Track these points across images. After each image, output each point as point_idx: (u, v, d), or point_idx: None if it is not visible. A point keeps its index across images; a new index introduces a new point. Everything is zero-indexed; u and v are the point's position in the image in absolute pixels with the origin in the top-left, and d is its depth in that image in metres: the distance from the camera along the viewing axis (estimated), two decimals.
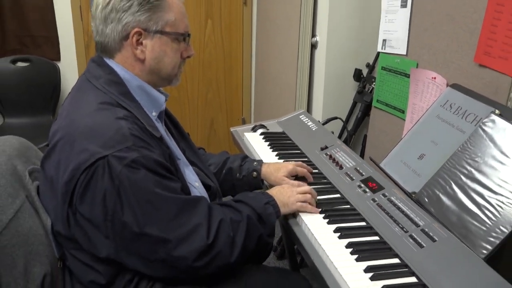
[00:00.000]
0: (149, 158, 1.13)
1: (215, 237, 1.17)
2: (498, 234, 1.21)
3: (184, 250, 1.14)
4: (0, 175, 1.19)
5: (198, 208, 1.18)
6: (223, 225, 1.19)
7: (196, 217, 1.17)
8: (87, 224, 1.14)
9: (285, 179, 1.54)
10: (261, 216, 1.28)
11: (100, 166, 1.09)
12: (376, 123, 2.26)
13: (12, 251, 1.16)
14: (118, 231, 1.12)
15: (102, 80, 1.24)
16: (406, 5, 1.97)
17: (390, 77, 2.13)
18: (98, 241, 1.15)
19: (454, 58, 1.76)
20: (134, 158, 1.10)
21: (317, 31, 2.58)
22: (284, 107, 2.91)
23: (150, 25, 1.23)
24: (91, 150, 1.10)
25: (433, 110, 1.67)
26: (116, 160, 1.09)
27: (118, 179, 1.09)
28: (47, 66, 3.06)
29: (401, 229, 1.29)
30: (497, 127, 1.38)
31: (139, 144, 1.13)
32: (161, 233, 1.12)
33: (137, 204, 1.11)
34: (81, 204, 1.13)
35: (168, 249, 1.13)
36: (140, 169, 1.11)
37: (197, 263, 1.16)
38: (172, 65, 1.30)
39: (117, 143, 1.11)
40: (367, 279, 1.12)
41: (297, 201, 1.36)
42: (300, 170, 1.58)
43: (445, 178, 1.42)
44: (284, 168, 1.57)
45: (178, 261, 1.15)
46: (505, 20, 1.53)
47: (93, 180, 1.10)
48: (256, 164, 1.61)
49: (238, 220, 1.23)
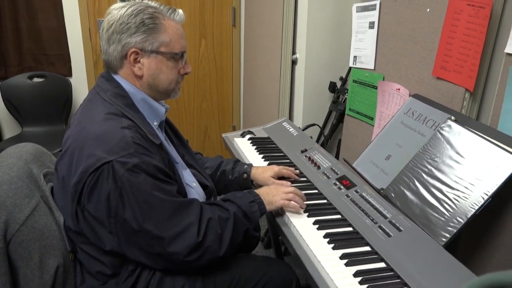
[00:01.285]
0: (149, 164, 1.12)
1: (205, 235, 1.16)
2: (455, 224, 1.22)
3: (177, 246, 1.13)
4: (17, 177, 1.18)
5: (190, 209, 1.17)
6: (211, 223, 1.18)
7: (189, 217, 1.16)
8: (94, 221, 1.13)
9: (271, 179, 1.54)
10: (246, 213, 1.27)
11: (105, 170, 1.09)
12: (349, 129, 2.27)
13: (29, 245, 1.14)
14: (119, 227, 1.12)
15: (109, 93, 1.23)
16: (374, 27, 1.98)
17: (361, 88, 2.13)
18: (103, 235, 1.14)
19: (415, 72, 1.77)
20: (135, 163, 1.10)
21: (297, 49, 2.58)
22: (269, 115, 2.90)
23: (146, 45, 1.22)
24: (98, 155, 1.09)
25: (397, 117, 1.68)
26: (120, 165, 1.08)
27: (120, 182, 1.08)
28: (60, 81, 3.03)
29: (371, 220, 1.29)
30: (453, 131, 1.39)
31: (140, 151, 1.12)
32: (156, 230, 1.11)
33: (136, 204, 1.10)
34: (89, 203, 1.12)
35: (162, 245, 1.13)
36: (140, 173, 1.10)
37: (189, 258, 1.15)
38: (168, 81, 1.28)
39: (121, 149, 1.10)
40: (342, 265, 1.12)
41: (282, 199, 1.34)
42: (285, 171, 1.58)
43: (408, 176, 1.43)
44: (271, 170, 1.57)
45: (172, 256, 1.14)
46: (458, 39, 1.55)
47: (99, 182, 1.09)
48: (247, 167, 1.60)
49: (226, 218, 1.22)
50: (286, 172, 1.58)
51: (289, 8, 2.52)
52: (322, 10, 2.45)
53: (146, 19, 1.21)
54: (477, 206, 1.20)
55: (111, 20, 1.21)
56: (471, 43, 1.50)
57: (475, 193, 1.23)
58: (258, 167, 1.61)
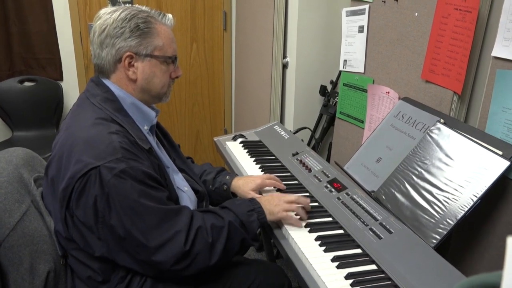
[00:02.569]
0: (137, 169, 1.10)
1: (193, 244, 1.13)
2: (445, 226, 1.23)
3: (162, 256, 1.11)
4: (7, 182, 1.16)
5: (179, 217, 1.15)
6: (201, 232, 1.15)
7: (176, 226, 1.13)
8: (82, 227, 1.12)
9: (251, 192, 1.44)
10: (243, 222, 1.23)
11: (93, 175, 1.07)
12: (340, 132, 2.27)
13: (19, 251, 1.13)
14: (107, 232, 1.10)
15: (99, 97, 1.22)
16: (363, 31, 1.99)
17: (351, 92, 2.14)
18: (92, 241, 1.13)
19: (404, 75, 1.78)
20: (122, 169, 1.08)
21: (288, 53, 2.59)
22: (260, 119, 2.90)
23: (140, 49, 1.21)
24: (85, 161, 1.08)
25: (387, 120, 1.69)
26: (106, 170, 1.07)
27: (107, 187, 1.07)
28: (51, 85, 3.00)
29: (362, 223, 1.29)
30: (442, 134, 1.40)
31: (128, 156, 1.11)
32: (142, 238, 1.09)
33: (122, 210, 1.08)
34: (77, 209, 1.10)
35: (148, 253, 1.11)
36: (127, 179, 1.08)
37: (177, 267, 1.13)
38: (161, 85, 1.28)
39: (108, 155, 1.09)
40: (334, 267, 1.12)
41: (283, 210, 1.28)
42: (269, 182, 1.49)
43: (399, 178, 1.43)
44: (253, 182, 1.47)
45: (158, 265, 1.12)
46: (446, 43, 1.56)
47: (87, 187, 1.08)
48: (228, 178, 1.52)
49: (220, 226, 1.19)
50: (269, 182, 1.49)
51: (279, 12, 2.52)
52: (312, 14, 2.46)
53: (141, 23, 1.20)
54: (467, 207, 1.21)
55: (103, 25, 1.20)
56: (459, 47, 1.51)
57: (465, 195, 1.24)
58: (240, 177, 1.53)
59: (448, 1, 1.53)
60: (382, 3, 1.86)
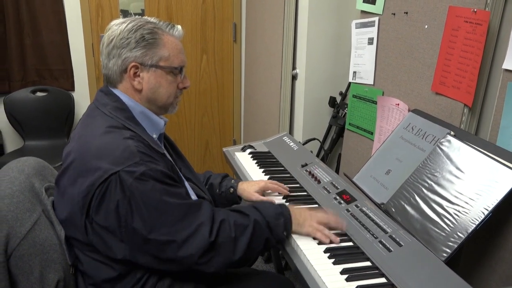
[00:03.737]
0: (156, 170, 1.12)
1: (217, 235, 1.14)
2: (456, 239, 1.21)
3: (189, 249, 1.12)
4: (19, 191, 1.17)
5: (202, 210, 1.17)
6: (224, 225, 1.17)
7: (199, 218, 1.15)
8: (104, 232, 1.13)
9: (255, 194, 1.52)
10: (269, 223, 1.23)
11: (113, 181, 1.08)
12: (349, 143, 2.27)
13: (30, 260, 1.13)
14: (130, 235, 1.11)
15: (109, 107, 1.23)
16: (373, 43, 2.00)
17: (360, 103, 2.14)
18: (114, 245, 1.13)
19: (414, 87, 1.77)
20: (143, 171, 1.10)
21: (297, 64, 2.60)
22: (269, 130, 2.90)
23: (145, 59, 1.23)
24: (104, 167, 1.09)
25: (397, 131, 1.68)
26: (127, 174, 1.08)
27: (129, 191, 1.08)
28: (62, 95, 3.04)
29: (372, 235, 1.28)
30: (452, 146, 1.39)
31: (145, 159, 1.12)
32: (167, 235, 1.11)
33: (147, 211, 1.09)
34: (97, 215, 1.11)
35: (174, 249, 1.12)
36: (149, 181, 1.10)
37: (202, 260, 1.13)
38: (167, 95, 1.29)
39: (126, 159, 1.10)
40: (343, 280, 1.11)
41: (311, 227, 1.28)
42: (271, 186, 1.55)
43: (409, 190, 1.42)
44: (256, 184, 1.55)
45: (185, 259, 1.13)
46: (457, 55, 1.56)
47: (107, 193, 1.09)
48: (234, 182, 1.58)
49: (245, 224, 1.20)
50: (272, 186, 1.55)
51: (289, 24, 2.54)
52: (322, 26, 2.47)
53: (146, 34, 1.22)
54: (478, 221, 1.20)
55: (111, 36, 1.22)
56: (469, 59, 1.51)
57: (476, 208, 1.22)
58: (244, 182, 1.60)
59: (459, 13, 1.53)
60: (391, 15, 1.87)
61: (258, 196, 1.51)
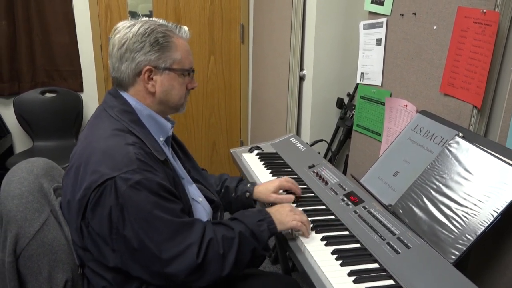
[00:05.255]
0: (152, 181, 1.11)
1: (205, 256, 1.13)
2: (464, 242, 1.20)
3: (175, 268, 1.11)
4: (28, 192, 1.18)
5: (192, 230, 1.15)
6: (212, 243, 1.15)
7: (189, 238, 1.13)
8: (97, 237, 1.13)
9: (272, 196, 1.51)
10: (254, 232, 1.23)
11: (108, 186, 1.09)
12: (357, 145, 2.26)
13: (38, 260, 1.14)
14: (121, 243, 1.11)
15: (116, 109, 1.24)
16: (381, 44, 1.99)
17: (368, 104, 2.13)
18: (107, 252, 1.14)
19: (423, 88, 1.76)
20: (137, 180, 1.09)
21: (305, 65, 2.60)
22: (276, 131, 2.90)
23: (159, 63, 1.23)
24: (102, 171, 1.10)
25: (405, 133, 1.67)
26: (122, 181, 1.08)
27: (122, 198, 1.08)
28: (71, 96, 3.06)
29: (380, 237, 1.28)
30: (461, 148, 1.38)
31: (143, 168, 1.12)
32: (155, 250, 1.10)
33: (136, 222, 1.09)
34: (93, 219, 1.12)
35: (161, 265, 1.11)
36: (142, 190, 1.09)
37: (189, 278, 1.13)
38: (179, 96, 1.30)
39: (124, 166, 1.10)
40: (350, 282, 1.11)
41: (294, 220, 1.30)
42: (286, 184, 1.54)
43: (417, 192, 1.42)
44: (271, 185, 1.53)
45: (171, 277, 1.12)
46: (466, 56, 1.55)
47: (102, 198, 1.09)
48: (250, 186, 1.57)
49: (231, 237, 1.19)
50: (286, 185, 1.54)
51: (297, 25, 2.54)
52: (330, 27, 2.46)
53: (160, 37, 1.22)
54: (487, 223, 1.19)
55: (123, 39, 1.22)
56: (478, 60, 1.50)
57: (484, 210, 1.21)
58: (260, 185, 1.58)
59: (468, 14, 1.52)
60: (400, 16, 1.86)
61: (277, 196, 1.50)
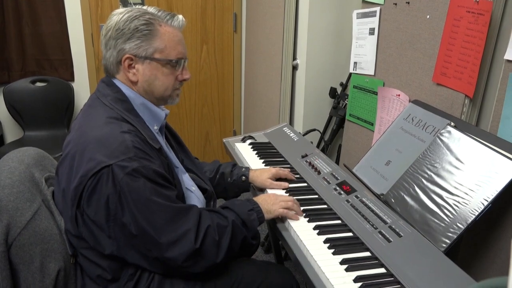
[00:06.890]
0: (149, 168, 1.12)
1: (202, 242, 1.15)
2: (455, 230, 1.22)
3: (174, 252, 1.13)
4: (19, 182, 1.17)
5: (189, 216, 1.17)
6: (209, 230, 1.18)
7: (187, 224, 1.15)
8: (93, 225, 1.13)
9: (269, 180, 1.55)
10: (245, 221, 1.26)
11: (105, 174, 1.08)
12: (349, 134, 2.27)
13: (30, 249, 1.14)
14: (118, 230, 1.11)
15: (109, 98, 1.23)
16: (374, 33, 1.99)
17: (361, 94, 2.14)
18: (103, 240, 1.14)
19: (415, 78, 1.77)
20: (135, 168, 1.09)
21: (298, 55, 2.59)
22: (269, 120, 2.90)
23: (139, 51, 1.21)
24: (98, 159, 1.09)
25: (397, 122, 1.68)
26: (119, 169, 1.08)
27: (119, 185, 1.08)
28: (62, 85, 3.03)
29: (371, 226, 1.29)
30: (452, 137, 1.39)
31: (140, 155, 1.12)
32: (154, 235, 1.11)
33: (135, 208, 1.09)
34: (88, 207, 1.11)
35: (160, 250, 1.12)
36: (140, 178, 1.10)
37: (186, 263, 1.15)
38: (164, 87, 1.27)
39: (121, 153, 1.10)
40: (342, 270, 1.12)
41: (280, 207, 1.34)
42: (282, 172, 1.59)
43: (408, 181, 1.43)
44: (268, 171, 1.58)
45: (169, 261, 1.14)
46: (458, 46, 1.55)
47: (99, 186, 1.09)
48: (245, 170, 1.60)
49: (225, 225, 1.22)
50: (282, 173, 1.59)
51: (290, 14, 2.53)
52: (323, 16, 2.45)
53: (141, 25, 1.20)
54: (477, 212, 1.20)
55: (108, 26, 1.22)
56: (471, 50, 1.50)
57: (475, 199, 1.23)
58: (255, 169, 1.62)
59: (461, 3, 1.52)
60: (393, 5, 1.86)
61: (272, 182, 1.54)
